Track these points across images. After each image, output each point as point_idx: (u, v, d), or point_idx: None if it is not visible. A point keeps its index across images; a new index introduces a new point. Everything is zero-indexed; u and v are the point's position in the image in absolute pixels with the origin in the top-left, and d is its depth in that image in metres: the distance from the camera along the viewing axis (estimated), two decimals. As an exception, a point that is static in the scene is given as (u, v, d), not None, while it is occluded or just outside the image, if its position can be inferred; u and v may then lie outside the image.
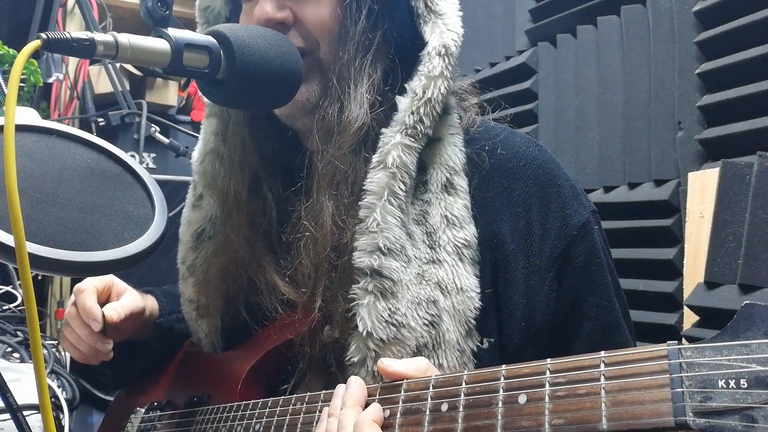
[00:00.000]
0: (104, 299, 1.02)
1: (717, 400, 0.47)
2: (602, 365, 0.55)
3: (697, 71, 1.52)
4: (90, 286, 1.00)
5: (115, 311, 0.99)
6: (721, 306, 1.31)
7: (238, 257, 0.95)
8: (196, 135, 2.27)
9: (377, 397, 0.71)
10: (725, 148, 1.45)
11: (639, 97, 1.68)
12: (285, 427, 0.80)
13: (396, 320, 0.79)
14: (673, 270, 1.55)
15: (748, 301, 0.49)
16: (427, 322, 0.80)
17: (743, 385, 0.46)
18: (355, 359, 0.80)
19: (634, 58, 1.70)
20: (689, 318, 1.43)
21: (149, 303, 1.09)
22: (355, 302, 0.81)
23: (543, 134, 2.00)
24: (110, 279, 1.04)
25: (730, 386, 0.47)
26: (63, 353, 1.65)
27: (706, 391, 0.48)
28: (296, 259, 0.88)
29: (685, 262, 1.47)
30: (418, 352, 0.80)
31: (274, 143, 0.96)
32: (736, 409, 0.46)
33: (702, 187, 1.43)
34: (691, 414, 0.48)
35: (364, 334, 0.79)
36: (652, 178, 1.63)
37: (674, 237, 1.56)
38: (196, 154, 1.03)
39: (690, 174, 1.48)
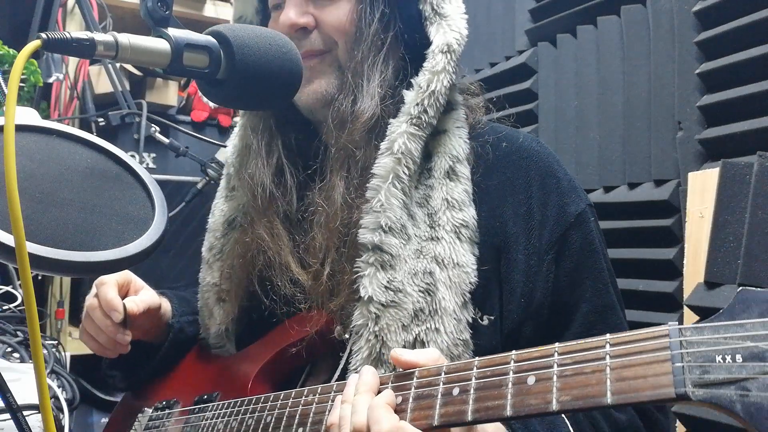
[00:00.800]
0: (123, 293, 1.07)
1: (714, 374, 0.51)
2: (607, 346, 0.58)
3: (697, 71, 1.52)
4: (111, 279, 1.05)
5: (135, 304, 1.04)
6: (721, 306, 1.31)
7: (259, 240, 1.00)
8: (197, 135, 2.28)
9: (390, 384, 0.73)
10: (725, 148, 1.45)
11: (639, 97, 1.68)
12: (297, 417, 0.82)
13: (393, 286, 0.88)
14: (673, 270, 1.55)
15: (743, 287, 0.54)
16: (422, 289, 0.88)
17: (738, 359, 0.50)
18: (359, 322, 0.88)
19: (634, 58, 1.70)
20: (689, 318, 1.43)
21: (164, 303, 1.14)
22: (359, 274, 0.89)
23: (543, 134, 2.00)
24: (129, 274, 1.09)
25: (727, 361, 0.51)
26: (63, 353, 1.65)
27: (704, 365, 0.52)
28: (309, 234, 0.96)
29: (685, 262, 1.47)
30: (415, 316, 0.87)
31: (298, 133, 1.05)
32: (733, 380, 0.50)
33: (702, 187, 1.43)
34: (690, 386, 0.52)
35: (366, 299, 0.87)
36: (652, 178, 1.63)
37: (674, 237, 1.56)
38: (230, 149, 1.11)
39: (690, 174, 1.48)
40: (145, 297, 1.08)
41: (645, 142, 1.65)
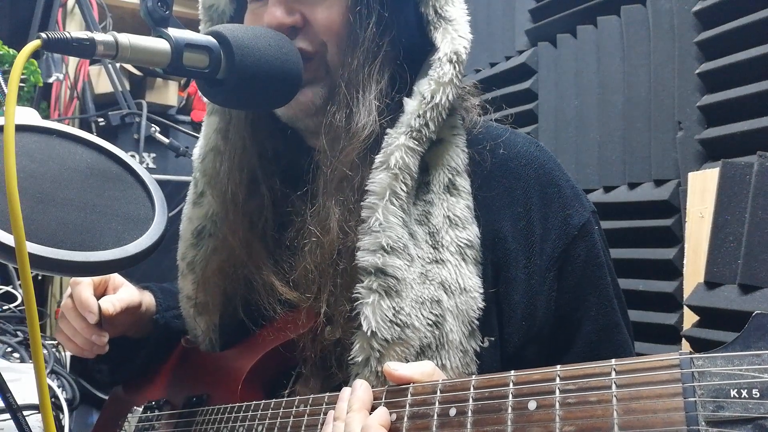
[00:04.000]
0: (101, 292, 1.03)
1: (729, 410, 0.47)
2: (613, 373, 0.54)
3: (697, 71, 1.52)
4: (86, 278, 1.00)
5: (111, 304, 0.99)
6: (721, 306, 1.31)
7: (236, 256, 0.95)
8: (196, 135, 2.27)
9: (383, 400, 0.70)
10: (725, 148, 1.45)
11: (639, 97, 1.68)
12: (288, 428, 0.80)
13: (400, 320, 0.79)
14: (673, 270, 1.55)
15: (759, 311, 0.49)
16: (431, 322, 0.80)
17: (755, 395, 0.47)
18: (359, 359, 0.80)
19: (634, 58, 1.70)
20: (689, 318, 1.44)
21: (146, 298, 1.10)
22: (359, 301, 0.80)
23: (543, 134, 2.00)
24: (108, 277, 1.04)
25: (743, 396, 0.47)
26: (63, 353, 1.65)
27: (718, 401, 0.48)
28: (300, 263, 0.87)
29: (685, 262, 1.47)
30: (421, 352, 0.80)
31: (276, 143, 0.97)
32: (749, 419, 0.46)
33: (702, 187, 1.43)
34: (703, 423, 0.48)
35: (369, 333, 0.79)
36: (652, 178, 1.63)
37: (674, 237, 1.56)
38: (197, 152, 1.04)
39: (690, 174, 1.48)
40: (123, 296, 1.02)
41: (645, 142, 1.65)
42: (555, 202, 0.87)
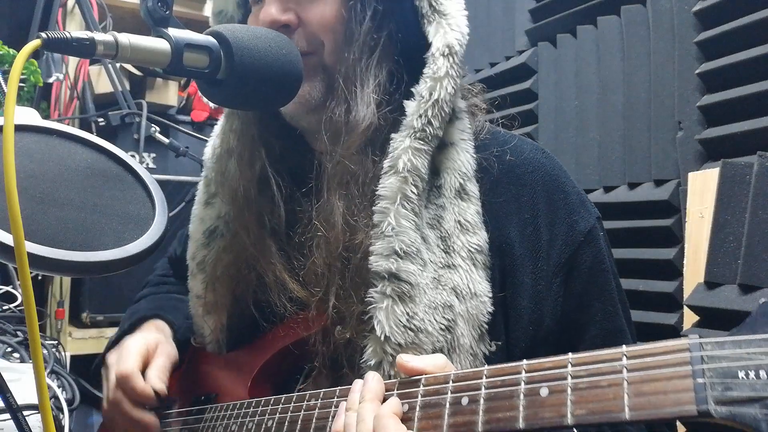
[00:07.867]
0: (145, 365, 1.04)
1: (738, 390, 0.49)
2: (624, 359, 0.56)
3: (697, 71, 1.52)
4: (132, 367, 1.01)
5: (159, 380, 1.01)
6: (721, 306, 1.31)
7: (247, 254, 0.96)
8: (197, 135, 2.28)
9: (395, 392, 0.71)
10: (725, 148, 1.45)
11: (639, 97, 1.68)
12: (299, 422, 0.80)
13: (414, 325, 0.80)
14: (673, 270, 1.55)
15: (765, 299, 0.51)
16: (443, 326, 0.81)
17: (763, 376, 0.48)
18: (372, 363, 0.81)
19: (634, 58, 1.70)
20: (689, 318, 1.43)
21: (166, 331, 1.11)
22: (373, 305, 0.81)
23: (543, 134, 2.00)
24: (144, 347, 1.05)
25: (750, 377, 0.49)
26: (63, 353, 1.65)
27: (726, 382, 0.50)
28: (308, 259, 0.89)
29: (685, 262, 1.47)
30: None
31: (282, 143, 0.98)
32: (757, 398, 0.48)
33: (702, 187, 1.43)
34: (713, 403, 0.50)
35: (382, 338, 0.80)
36: (652, 178, 1.62)
37: (674, 237, 1.56)
38: (209, 151, 1.04)
39: (690, 174, 1.48)
40: (164, 363, 1.04)
41: (645, 142, 1.65)
42: (561, 208, 0.89)
